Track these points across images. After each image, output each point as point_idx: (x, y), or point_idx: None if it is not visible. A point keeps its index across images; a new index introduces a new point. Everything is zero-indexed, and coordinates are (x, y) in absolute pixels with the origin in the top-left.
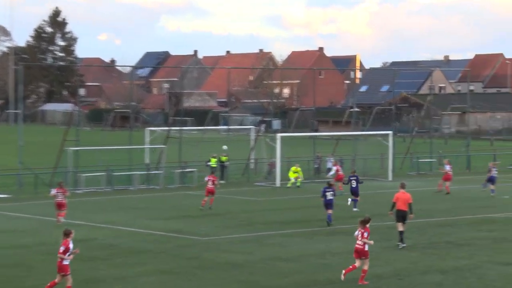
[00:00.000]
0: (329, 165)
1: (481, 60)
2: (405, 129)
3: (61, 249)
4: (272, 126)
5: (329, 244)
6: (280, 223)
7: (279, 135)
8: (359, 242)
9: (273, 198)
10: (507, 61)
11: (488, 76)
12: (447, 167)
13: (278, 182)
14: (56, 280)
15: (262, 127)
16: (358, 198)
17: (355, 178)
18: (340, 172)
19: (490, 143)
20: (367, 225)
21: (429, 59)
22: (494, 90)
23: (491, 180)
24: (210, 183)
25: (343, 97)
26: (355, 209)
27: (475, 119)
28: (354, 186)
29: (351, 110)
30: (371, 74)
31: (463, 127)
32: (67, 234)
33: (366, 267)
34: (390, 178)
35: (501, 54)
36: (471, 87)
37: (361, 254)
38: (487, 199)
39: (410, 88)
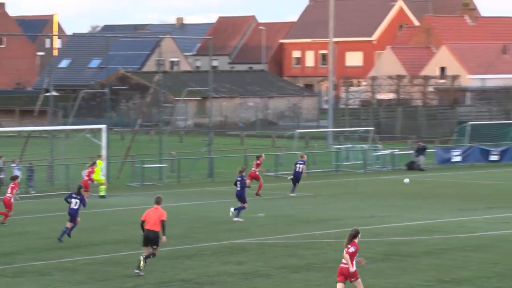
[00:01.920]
0: (17, 173)
1: (227, 25)
2: (125, 121)
3: None
4: None
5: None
6: None
7: None
8: (344, 261)
9: None
10: (261, 27)
11: (237, 47)
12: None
13: None
14: None
15: None
16: (246, 205)
17: (240, 179)
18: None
19: (240, 141)
20: (355, 240)
21: (157, 23)
22: (245, 67)
23: (295, 176)
24: (9, 191)
25: (35, 75)
26: (236, 219)
27: (220, 107)
28: (239, 189)
29: (47, 94)
30: (75, 43)
31: (204, 119)
32: None
33: None
34: (103, 191)
35: (253, 17)
36: (214, 63)
37: (347, 276)
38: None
39: (130, 63)
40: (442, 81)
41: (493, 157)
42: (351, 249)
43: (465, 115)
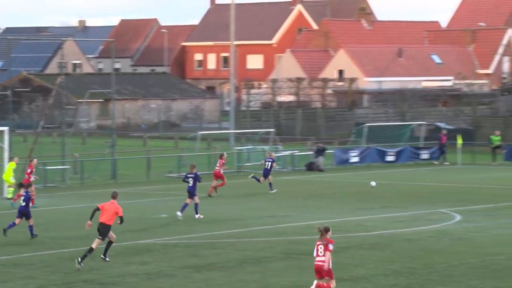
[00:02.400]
0: None
1: (129, 28)
2: (27, 123)
3: None
4: None
5: None
6: None
7: None
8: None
9: None
10: (163, 30)
11: (139, 50)
12: None
13: None
14: None
15: None
16: (198, 201)
17: (193, 176)
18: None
19: (143, 142)
20: (328, 236)
21: (59, 25)
22: (147, 69)
23: (264, 173)
24: None
25: None
26: (197, 216)
27: (123, 109)
28: (191, 185)
29: None
30: None
31: (107, 121)
32: None
33: None
34: (5, 194)
35: (155, 20)
36: (117, 65)
37: (324, 273)
38: (139, 221)
39: (33, 65)
40: (340, 83)
41: (389, 158)
42: (331, 247)
43: (363, 117)
